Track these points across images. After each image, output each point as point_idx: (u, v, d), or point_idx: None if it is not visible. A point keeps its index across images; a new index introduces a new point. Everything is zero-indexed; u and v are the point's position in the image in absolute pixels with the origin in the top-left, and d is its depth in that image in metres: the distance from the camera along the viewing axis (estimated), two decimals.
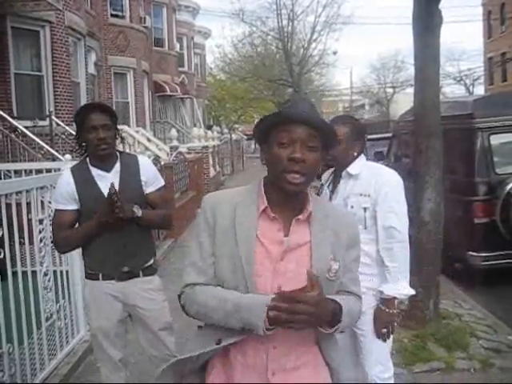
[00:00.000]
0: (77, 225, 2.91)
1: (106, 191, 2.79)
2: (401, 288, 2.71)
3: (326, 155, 1.73)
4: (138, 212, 2.81)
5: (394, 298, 2.71)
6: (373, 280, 2.74)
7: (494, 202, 5.90)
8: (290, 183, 1.60)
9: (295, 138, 1.60)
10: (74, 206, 2.85)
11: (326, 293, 1.60)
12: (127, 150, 9.24)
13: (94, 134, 2.79)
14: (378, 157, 9.30)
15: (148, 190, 2.98)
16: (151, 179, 3.00)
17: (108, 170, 2.90)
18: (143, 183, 2.96)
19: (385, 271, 2.72)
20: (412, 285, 2.80)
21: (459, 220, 5.99)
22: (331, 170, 3.00)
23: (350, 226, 1.80)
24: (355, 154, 2.81)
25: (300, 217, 1.68)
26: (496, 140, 6.12)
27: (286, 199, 1.67)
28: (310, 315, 1.49)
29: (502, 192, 5.87)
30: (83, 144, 2.91)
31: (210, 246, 1.71)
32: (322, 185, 3.02)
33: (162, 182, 3.09)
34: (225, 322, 1.63)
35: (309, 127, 1.61)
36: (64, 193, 2.85)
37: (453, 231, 5.55)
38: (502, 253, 5.89)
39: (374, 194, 2.71)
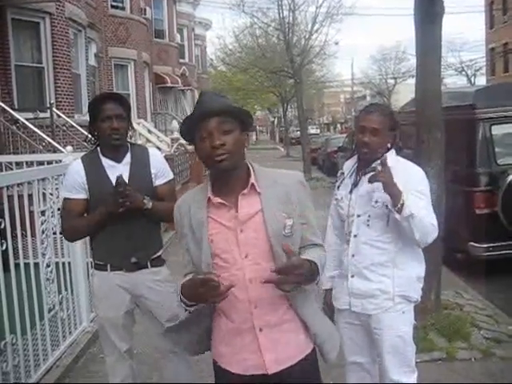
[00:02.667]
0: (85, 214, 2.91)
1: (115, 182, 2.80)
2: (411, 206, 2.48)
3: (249, 129, 1.95)
4: (149, 204, 2.82)
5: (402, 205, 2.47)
6: (385, 282, 2.65)
7: (495, 193, 5.91)
8: (218, 162, 1.82)
9: (210, 129, 1.82)
10: (83, 195, 2.85)
11: None
12: None
13: (108, 123, 2.79)
14: None
15: (157, 182, 2.98)
16: (161, 172, 3.00)
17: (119, 160, 2.89)
18: (153, 175, 2.96)
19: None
20: None
21: (460, 211, 5.99)
22: (353, 158, 2.83)
23: (298, 183, 1.99)
24: (388, 145, 2.67)
25: (245, 191, 1.90)
26: (497, 130, 6.11)
27: (227, 180, 1.91)
28: (299, 276, 1.75)
29: (503, 183, 5.87)
30: (95, 134, 2.90)
31: (183, 243, 2.00)
32: (343, 173, 2.85)
33: (171, 175, 3.10)
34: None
35: (218, 117, 1.83)
36: (74, 182, 2.85)
37: (454, 222, 5.55)
38: (503, 243, 5.90)
39: (405, 194, 2.53)
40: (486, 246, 5.95)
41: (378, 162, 2.60)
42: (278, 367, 1.92)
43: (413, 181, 2.62)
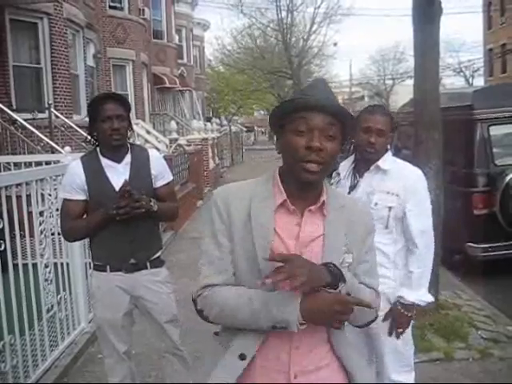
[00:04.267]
0: (85, 215, 2.91)
1: (115, 182, 2.81)
2: (422, 295, 2.67)
3: (344, 144, 1.63)
4: (154, 206, 2.82)
5: (413, 303, 2.66)
6: (385, 283, 2.61)
7: (493, 194, 5.92)
8: (307, 171, 1.51)
9: (313, 126, 1.51)
10: (82, 196, 2.85)
11: None
12: None
13: (108, 124, 2.78)
14: None
15: (157, 183, 2.98)
16: (161, 173, 3.00)
17: (118, 161, 2.89)
18: (153, 177, 2.96)
19: (408, 275, 2.66)
20: None
21: (459, 211, 6.00)
22: (349, 159, 2.84)
23: (366, 216, 1.72)
24: (388, 146, 2.70)
25: (312, 208, 1.60)
26: (495, 131, 6.13)
27: (302, 190, 1.58)
28: (303, 268, 1.43)
29: (501, 183, 5.88)
30: (95, 134, 2.90)
31: (226, 243, 1.61)
32: (338, 174, 2.85)
33: (170, 177, 3.09)
34: (252, 322, 1.53)
35: (328, 115, 1.52)
36: (73, 182, 2.85)
37: (452, 222, 5.56)
38: (501, 244, 5.91)
39: (404, 195, 2.61)
40: (484, 246, 5.96)
41: (374, 166, 2.66)
42: None
43: (414, 195, 2.64)
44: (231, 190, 1.66)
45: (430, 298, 2.74)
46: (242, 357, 1.57)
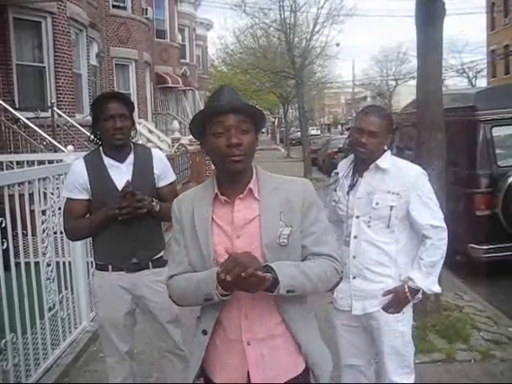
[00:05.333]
0: (88, 214, 2.91)
1: (118, 182, 2.81)
2: (430, 283, 2.67)
3: (258, 133, 1.87)
4: (157, 206, 2.83)
5: (419, 289, 2.67)
6: (386, 282, 2.69)
7: (495, 195, 5.90)
8: (234, 162, 1.75)
9: (228, 126, 1.75)
10: (85, 196, 2.85)
11: (280, 257, 1.78)
12: None
13: (111, 123, 2.78)
14: None
15: (160, 183, 2.98)
16: (164, 173, 3.00)
17: (121, 160, 2.89)
18: (156, 176, 2.95)
19: (419, 261, 2.65)
20: None
21: (461, 212, 5.99)
22: (349, 158, 2.85)
23: (303, 191, 1.89)
24: (385, 147, 2.69)
25: (241, 195, 1.83)
26: (498, 132, 6.11)
27: (231, 182, 1.84)
28: (255, 278, 1.63)
29: (503, 184, 5.87)
30: (98, 133, 2.89)
31: (181, 239, 1.90)
32: (337, 173, 2.86)
33: (173, 177, 3.09)
34: (194, 298, 1.83)
35: (239, 113, 1.76)
36: (75, 181, 2.85)
37: (454, 223, 5.53)
38: (503, 245, 5.90)
39: (405, 194, 2.61)
40: (486, 247, 5.95)
41: (373, 165, 2.66)
42: None
43: (415, 192, 2.64)
44: (183, 196, 1.98)
45: (437, 289, 2.74)
46: (204, 332, 1.88)
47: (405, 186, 2.63)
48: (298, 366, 1.87)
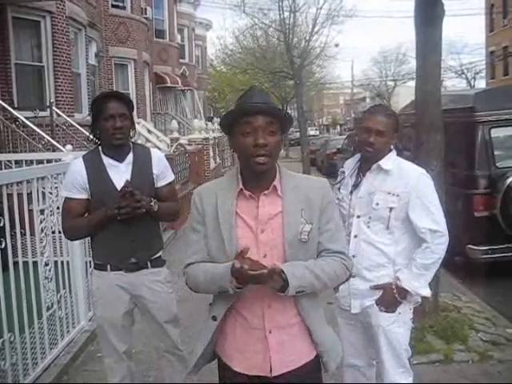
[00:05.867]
0: (87, 214, 2.91)
1: (117, 181, 2.80)
2: (419, 286, 2.65)
3: (285, 135, 2.00)
4: (155, 206, 2.82)
5: (407, 291, 2.65)
6: (384, 280, 2.69)
7: (494, 196, 5.91)
8: (258, 164, 1.86)
9: (256, 127, 1.85)
10: (84, 195, 2.85)
11: (300, 252, 1.91)
12: None
13: (111, 122, 2.78)
14: None
15: (159, 183, 2.97)
16: (163, 173, 3.00)
17: (120, 160, 2.88)
18: (155, 176, 2.95)
19: (412, 262, 2.64)
20: None
21: (459, 213, 6.00)
22: (355, 157, 2.85)
23: (321, 190, 2.02)
24: (391, 146, 2.70)
25: (266, 192, 1.94)
26: (497, 133, 6.12)
27: (256, 178, 1.93)
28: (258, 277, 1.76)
29: (502, 186, 5.87)
30: (97, 132, 2.89)
31: (201, 229, 1.99)
32: (343, 172, 2.86)
33: (172, 177, 3.09)
34: (209, 288, 1.95)
35: (267, 115, 1.86)
36: (74, 181, 2.84)
37: (453, 224, 5.54)
38: (501, 246, 5.91)
39: (405, 196, 2.61)
40: (484, 248, 5.95)
41: (375, 165, 2.66)
42: (282, 370, 1.94)
43: (416, 195, 2.64)
44: (204, 187, 2.07)
45: (426, 293, 2.70)
46: (214, 318, 2.00)
47: (405, 188, 2.63)
48: (312, 352, 2.02)
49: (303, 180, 2.03)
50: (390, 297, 2.67)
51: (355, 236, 2.71)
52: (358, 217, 2.70)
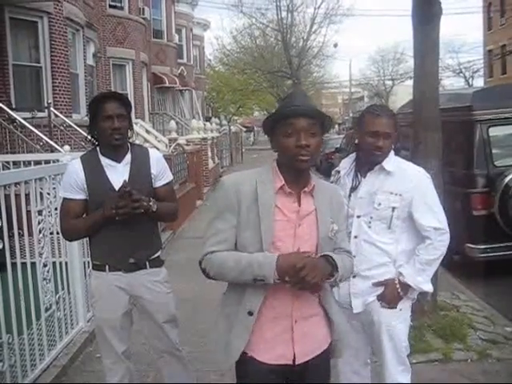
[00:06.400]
0: (85, 214, 2.90)
1: (115, 182, 2.80)
2: (422, 281, 2.67)
3: (323, 135, 2.07)
4: (154, 206, 2.81)
5: (410, 286, 2.67)
6: (385, 276, 2.69)
7: (492, 195, 5.91)
8: (301, 161, 1.95)
9: (299, 128, 1.94)
10: (82, 196, 2.84)
11: (327, 248, 2.05)
12: None
13: (109, 123, 2.77)
14: None
15: (157, 183, 2.97)
16: (161, 173, 2.99)
17: (118, 160, 2.88)
18: (153, 176, 2.95)
19: (415, 257, 2.66)
20: None
21: (458, 212, 5.99)
22: (350, 157, 2.84)
23: (337, 194, 2.22)
24: (392, 147, 2.70)
25: (306, 189, 2.04)
26: (495, 132, 6.12)
27: (296, 176, 2.03)
28: (311, 277, 1.86)
29: (500, 184, 5.88)
30: (95, 133, 2.88)
31: (232, 218, 2.02)
32: (338, 172, 2.84)
33: (170, 177, 3.08)
34: (239, 277, 1.97)
35: (309, 118, 1.95)
36: (72, 181, 2.83)
37: (451, 223, 5.55)
38: (499, 245, 5.91)
39: (408, 196, 2.62)
40: (482, 247, 5.96)
41: (378, 166, 2.66)
42: (304, 358, 2.04)
43: (418, 195, 2.65)
44: (238, 176, 2.12)
45: (428, 288, 2.73)
46: (250, 313, 2.00)
47: (408, 188, 2.64)
48: (327, 340, 2.15)
49: (326, 185, 2.21)
50: (393, 292, 2.67)
51: (355, 236, 2.70)
52: (358, 217, 2.70)
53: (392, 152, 2.71)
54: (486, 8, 38.59)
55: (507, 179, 5.85)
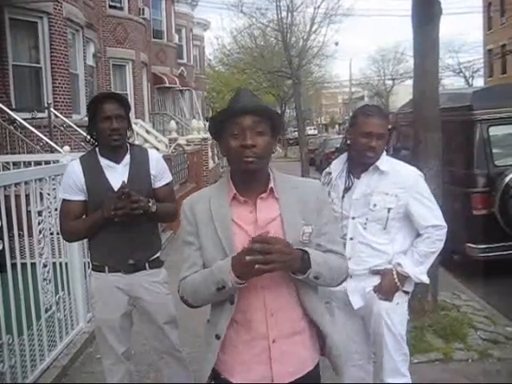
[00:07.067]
0: (85, 215, 2.90)
1: (114, 183, 2.80)
2: (419, 272, 2.68)
3: (277, 136, 1.92)
4: (153, 207, 2.81)
5: (408, 276, 2.67)
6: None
7: (492, 194, 5.91)
8: (246, 163, 1.79)
9: (244, 127, 1.79)
10: (81, 197, 2.84)
11: None
12: None
13: (108, 124, 2.77)
14: None
15: (157, 184, 2.96)
16: (160, 174, 2.99)
17: (118, 161, 2.88)
18: (152, 177, 2.94)
19: (413, 249, 2.68)
20: None
21: (458, 212, 5.99)
22: (341, 158, 2.83)
23: (317, 192, 1.97)
24: (385, 148, 2.70)
25: (263, 195, 1.87)
26: (495, 132, 6.11)
27: (248, 182, 1.87)
28: (281, 255, 1.68)
29: (500, 184, 5.88)
30: (94, 134, 2.88)
31: (195, 241, 1.90)
32: (330, 173, 2.82)
33: (170, 177, 3.08)
34: (206, 290, 1.82)
35: (255, 115, 1.80)
36: (72, 183, 2.83)
37: (451, 223, 5.54)
38: (500, 244, 5.90)
39: (403, 196, 2.62)
40: (483, 247, 5.95)
41: (372, 167, 2.65)
42: (284, 379, 1.86)
43: (414, 194, 2.65)
44: (194, 197, 1.98)
45: (425, 279, 2.74)
46: (217, 336, 1.89)
47: (403, 188, 2.63)
48: (314, 361, 1.95)
49: (297, 182, 1.99)
50: (390, 282, 2.67)
51: (351, 238, 2.70)
52: (353, 218, 2.69)
53: (384, 152, 2.71)
54: (486, 8, 38.57)
55: (507, 179, 5.85)
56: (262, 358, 1.85)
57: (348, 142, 2.74)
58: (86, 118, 3.01)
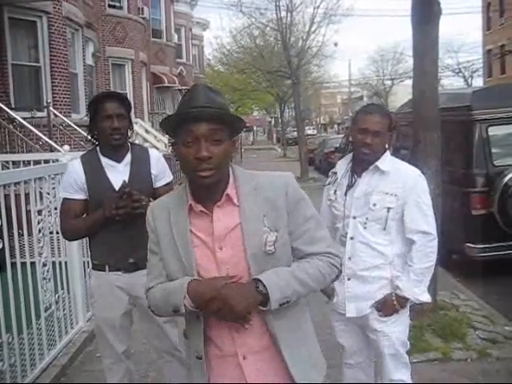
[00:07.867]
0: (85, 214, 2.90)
1: (115, 182, 2.80)
2: (418, 293, 2.64)
3: (237, 134, 1.78)
4: None
5: (408, 299, 2.65)
6: (380, 283, 2.67)
7: (491, 194, 5.92)
8: (201, 177, 1.62)
9: (199, 135, 1.60)
10: (82, 196, 2.84)
11: (268, 266, 1.67)
12: None
13: (109, 123, 2.77)
14: None
15: (157, 184, 2.97)
16: (161, 173, 2.99)
17: (119, 160, 2.88)
18: (153, 177, 2.95)
19: (409, 268, 2.63)
20: None
21: (457, 211, 6.00)
22: (347, 157, 2.82)
23: (286, 187, 1.75)
24: (386, 146, 2.67)
25: (219, 203, 1.70)
26: (494, 132, 6.12)
27: (205, 191, 1.69)
28: (221, 303, 1.60)
29: (499, 184, 5.88)
30: (95, 133, 2.88)
31: (157, 251, 1.79)
32: (335, 173, 2.82)
33: (170, 177, 3.08)
34: (166, 309, 1.74)
35: (212, 122, 1.61)
36: (72, 182, 2.83)
37: (451, 223, 5.56)
38: (499, 244, 5.91)
39: (402, 196, 2.60)
40: (482, 246, 5.96)
41: (373, 166, 2.65)
42: None
43: (413, 196, 2.63)
44: (156, 203, 1.86)
45: (426, 298, 2.71)
46: (199, 357, 1.77)
47: (403, 188, 2.62)
48: (292, 378, 1.77)
49: (263, 179, 1.76)
50: (390, 307, 2.66)
51: (351, 238, 2.69)
52: (354, 218, 2.68)
53: (388, 152, 2.70)
54: (485, 8, 38.59)
55: (506, 178, 5.85)
56: (235, 376, 1.73)
57: (350, 139, 2.74)
58: (86, 118, 3.02)
